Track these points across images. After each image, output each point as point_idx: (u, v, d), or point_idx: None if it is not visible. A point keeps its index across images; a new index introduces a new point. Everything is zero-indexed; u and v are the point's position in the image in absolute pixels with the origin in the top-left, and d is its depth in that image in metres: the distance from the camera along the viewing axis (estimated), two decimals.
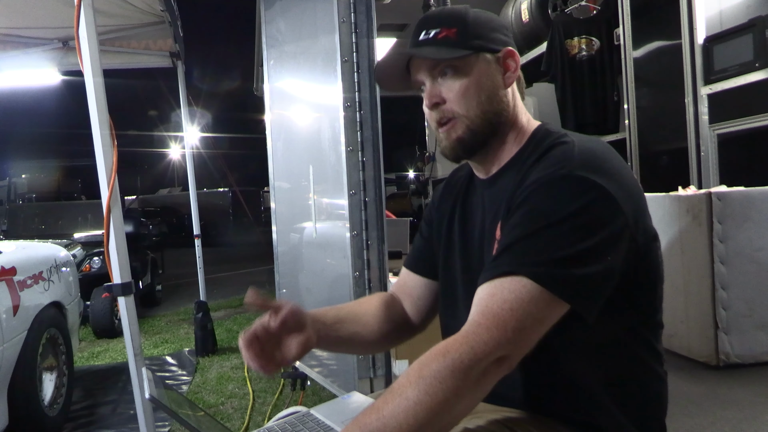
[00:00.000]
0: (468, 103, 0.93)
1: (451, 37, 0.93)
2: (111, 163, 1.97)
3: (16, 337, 2.56)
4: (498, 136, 0.96)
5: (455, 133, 0.95)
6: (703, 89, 2.77)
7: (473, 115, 0.94)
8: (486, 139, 0.95)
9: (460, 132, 0.94)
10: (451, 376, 0.72)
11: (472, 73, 0.93)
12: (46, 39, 4.28)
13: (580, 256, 0.77)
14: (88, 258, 5.85)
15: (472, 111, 0.93)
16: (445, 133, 0.96)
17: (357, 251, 2.24)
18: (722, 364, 1.97)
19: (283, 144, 3.13)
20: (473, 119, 0.94)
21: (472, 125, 0.94)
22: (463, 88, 0.93)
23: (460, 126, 0.94)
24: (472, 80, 0.93)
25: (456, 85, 0.93)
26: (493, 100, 0.94)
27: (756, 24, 2.49)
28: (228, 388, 3.59)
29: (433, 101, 0.95)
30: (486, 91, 0.94)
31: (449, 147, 0.96)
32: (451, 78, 0.94)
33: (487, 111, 0.94)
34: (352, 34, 2.25)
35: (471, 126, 0.94)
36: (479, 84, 0.93)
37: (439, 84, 0.95)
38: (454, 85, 0.94)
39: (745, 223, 2.00)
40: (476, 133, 0.94)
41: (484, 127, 0.94)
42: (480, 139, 0.95)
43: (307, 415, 1.05)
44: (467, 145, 0.95)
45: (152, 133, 28.71)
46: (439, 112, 0.95)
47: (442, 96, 0.95)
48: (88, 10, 1.92)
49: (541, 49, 3.95)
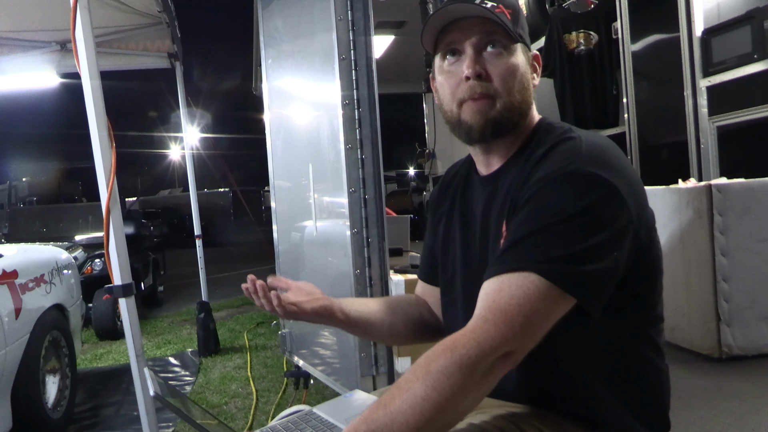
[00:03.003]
0: (511, 87, 0.92)
1: (506, 18, 0.91)
2: (110, 165, 1.97)
3: (18, 341, 2.56)
4: (518, 128, 0.95)
5: (493, 111, 0.92)
6: (702, 82, 2.77)
7: (514, 99, 0.92)
8: (514, 126, 0.94)
9: (496, 112, 0.91)
10: (459, 372, 0.71)
11: (519, 60, 0.93)
12: (43, 42, 4.28)
13: (588, 252, 0.77)
14: (89, 260, 5.86)
15: (513, 95, 0.92)
16: (479, 109, 0.92)
17: (357, 249, 2.24)
18: (724, 356, 1.97)
19: (282, 143, 3.13)
20: (513, 103, 0.92)
21: (511, 108, 0.92)
22: (510, 70, 0.91)
23: (500, 106, 0.91)
24: (516, 65, 0.92)
25: (505, 65, 0.91)
26: (527, 94, 0.95)
27: (754, 15, 2.49)
28: (231, 387, 3.59)
29: (477, 71, 0.91)
30: (525, 81, 0.94)
31: (480, 124, 0.92)
32: (499, 56, 0.91)
33: (522, 101, 0.93)
34: (349, 31, 2.24)
35: (509, 109, 0.92)
36: (523, 72, 0.94)
37: (484, 57, 0.92)
38: (503, 64, 0.91)
39: (746, 214, 1.99)
40: (509, 119, 0.92)
41: (517, 115, 0.93)
42: (510, 125, 0.93)
43: (311, 413, 1.05)
44: (500, 127, 0.93)
45: (152, 134, 28.76)
46: (480, 86, 0.91)
47: (487, 70, 0.91)
48: (84, 12, 1.92)
49: (539, 44, 3.94)
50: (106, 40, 4.24)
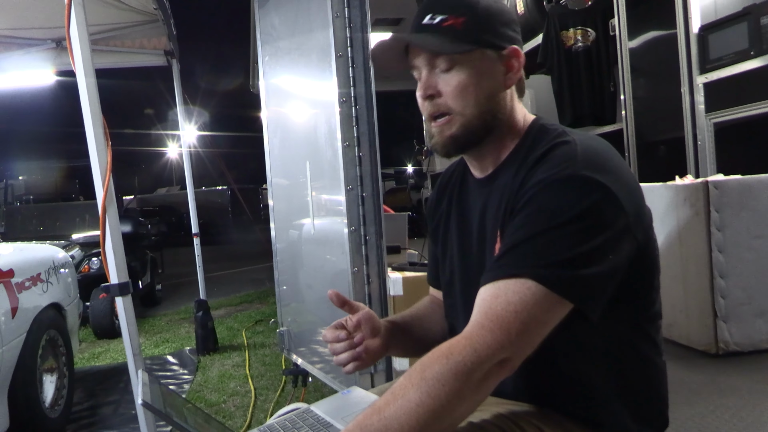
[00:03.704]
0: (465, 101, 0.90)
1: (457, 27, 0.88)
2: (105, 163, 1.96)
3: (15, 340, 2.55)
4: (493, 136, 0.93)
5: (449, 130, 0.92)
6: (699, 78, 2.77)
7: (469, 114, 0.90)
8: (480, 139, 0.92)
9: (454, 130, 0.91)
10: (454, 379, 0.71)
11: (473, 70, 0.89)
12: (39, 39, 4.26)
13: (586, 256, 0.77)
14: (86, 259, 5.84)
15: (468, 110, 0.90)
16: (438, 129, 0.93)
17: (355, 247, 2.24)
18: (721, 352, 1.97)
19: (279, 141, 3.12)
20: (469, 118, 0.90)
21: (468, 124, 0.91)
22: (462, 84, 0.89)
23: (455, 123, 0.91)
24: (472, 77, 0.89)
25: (454, 81, 0.89)
26: (492, 101, 0.91)
27: (751, 12, 2.48)
28: (230, 386, 3.59)
29: (429, 92, 0.91)
30: (485, 90, 0.90)
31: (441, 144, 0.93)
32: (450, 71, 0.90)
33: (484, 111, 0.91)
34: (346, 28, 2.23)
35: (466, 125, 0.91)
36: (479, 83, 0.90)
37: (436, 75, 0.91)
38: (453, 80, 0.90)
39: (743, 211, 2.00)
40: (470, 133, 0.91)
41: (479, 128, 0.91)
42: (473, 139, 0.92)
43: (307, 411, 1.05)
44: (460, 144, 0.93)
45: (149, 132, 28.64)
46: (433, 105, 0.92)
47: (438, 89, 0.91)
48: (79, 9, 1.91)
49: (536, 41, 3.93)
50: (102, 38, 4.22)
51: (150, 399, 0.98)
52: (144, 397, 0.95)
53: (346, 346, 1.00)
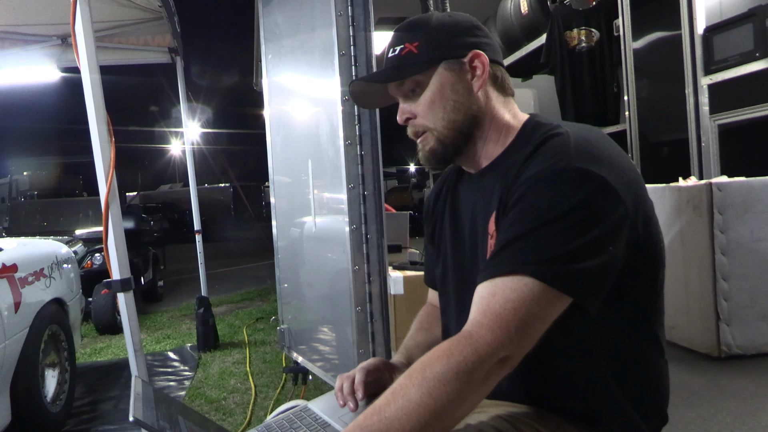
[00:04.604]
0: (435, 116, 0.96)
1: (414, 51, 0.95)
2: (109, 159, 1.97)
3: (17, 334, 2.56)
4: (476, 138, 0.96)
5: (428, 145, 0.98)
6: (704, 80, 2.76)
7: (441, 126, 0.96)
8: (458, 147, 0.97)
9: (431, 144, 0.97)
10: (455, 379, 0.71)
11: (436, 86, 0.95)
12: (44, 36, 4.27)
13: (583, 250, 0.76)
14: (89, 254, 5.86)
15: (439, 123, 0.96)
16: (420, 145, 0.99)
17: (356, 245, 2.24)
18: (724, 355, 1.97)
19: (282, 139, 3.12)
20: (441, 131, 0.96)
21: (442, 136, 0.96)
22: (428, 102, 0.96)
23: (431, 138, 0.97)
24: (435, 93, 0.95)
25: (422, 100, 0.96)
26: (461, 108, 0.95)
27: (756, 13, 2.48)
28: (230, 383, 3.60)
29: (404, 117, 0.99)
30: (451, 100, 0.95)
31: (424, 159, 1.00)
32: (417, 93, 0.96)
33: (454, 120, 0.95)
34: (349, 27, 2.23)
35: (440, 137, 0.96)
36: (443, 95, 0.95)
37: (408, 99, 0.98)
38: (421, 99, 0.96)
39: (746, 213, 1.99)
40: (447, 144, 0.96)
41: (454, 137, 0.96)
42: (451, 149, 0.97)
43: (305, 409, 1.05)
44: (440, 156, 0.98)
45: (153, 129, 28.68)
46: (411, 127, 0.99)
47: (411, 111, 0.98)
48: (84, 6, 1.91)
49: (540, 41, 3.93)
50: (106, 35, 4.23)
51: (143, 411, 0.98)
52: (135, 413, 0.95)
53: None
